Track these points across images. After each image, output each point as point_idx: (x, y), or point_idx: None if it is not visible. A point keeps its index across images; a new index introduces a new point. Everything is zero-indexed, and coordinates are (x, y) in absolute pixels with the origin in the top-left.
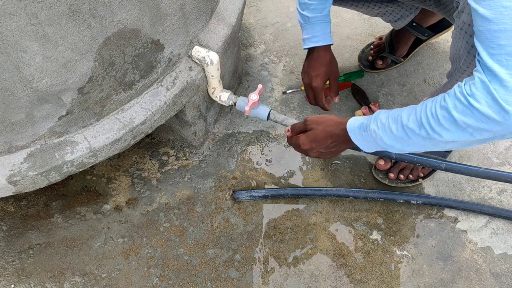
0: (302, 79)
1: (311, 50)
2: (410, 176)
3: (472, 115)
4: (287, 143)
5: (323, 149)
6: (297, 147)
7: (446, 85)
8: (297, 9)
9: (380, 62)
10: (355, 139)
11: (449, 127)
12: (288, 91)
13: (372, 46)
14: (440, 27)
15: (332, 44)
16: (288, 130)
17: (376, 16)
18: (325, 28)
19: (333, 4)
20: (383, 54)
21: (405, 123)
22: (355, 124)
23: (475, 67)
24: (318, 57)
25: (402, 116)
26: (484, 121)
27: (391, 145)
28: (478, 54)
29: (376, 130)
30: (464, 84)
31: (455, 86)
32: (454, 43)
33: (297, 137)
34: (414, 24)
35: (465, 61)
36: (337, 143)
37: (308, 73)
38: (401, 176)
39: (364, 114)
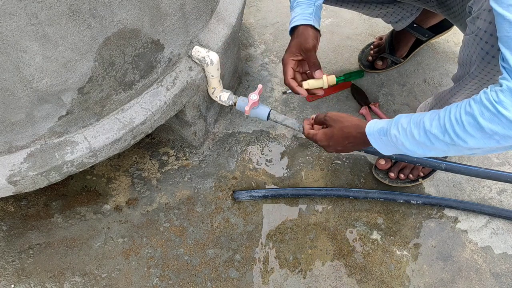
0: (284, 58)
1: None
2: (410, 175)
3: (500, 122)
4: (305, 135)
5: (340, 147)
6: (315, 141)
7: (454, 88)
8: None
9: (380, 63)
10: (375, 143)
11: (475, 133)
12: (288, 91)
13: (372, 46)
14: (440, 28)
15: (312, 26)
16: (313, 118)
17: (377, 17)
18: (304, 9)
19: (334, 5)
20: (383, 54)
21: (428, 129)
22: (375, 128)
23: (488, 73)
24: (292, 35)
25: (425, 121)
26: None
27: (412, 150)
28: (505, 60)
29: (397, 135)
30: (490, 91)
31: (481, 92)
32: (465, 48)
33: (315, 133)
34: (414, 25)
35: (477, 67)
36: (354, 144)
37: (290, 51)
38: (401, 176)
39: (363, 114)
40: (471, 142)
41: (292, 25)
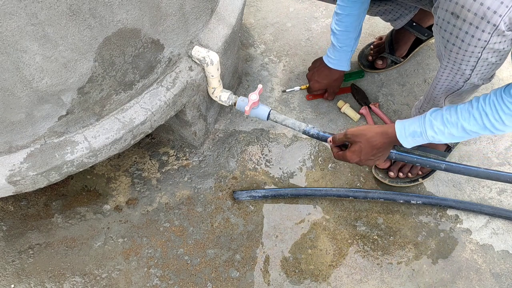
0: (311, 83)
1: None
2: (409, 174)
3: None
4: (334, 158)
5: (372, 157)
6: (346, 161)
7: (434, 82)
8: (331, 29)
9: (380, 62)
10: (407, 144)
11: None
12: (287, 90)
13: (372, 46)
14: None
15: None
16: (331, 141)
17: (375, 15)
18: (347, 56)
19: (332, 3)
20: (383, 54)
21: (468, 128)
22: (407, 133)
23: (455, 62)
24: (330, 74)
25: (463, 123)
26: None
27: (447, 141)
28: None
29: (434, 136)
30: None
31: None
32: (435, 41)
33: (343, 153)
34: (414, 24)
35: (444, 57)
36: (383, 150)
37: (318, 81)
38: (401, 174)
39: (363, 114)
40: (508, 130)
41: (336, 68)
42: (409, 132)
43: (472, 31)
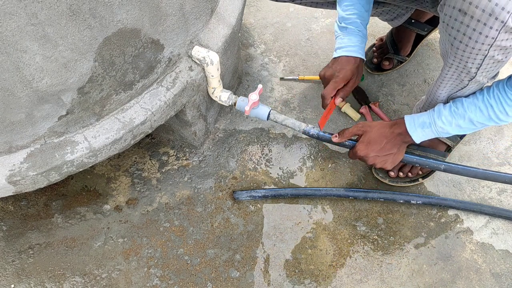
0: (322, 73)
1: (340, 57)
2: (409, 174)
3: None
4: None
5: (379, 153)
6: (354, 154)
7: (438, 80)
8: (336, 21)
9: (387, 63)
10: (417, 137)
11: None
12: (285, 78)
13: (374, 49)
14: (438, 20)
15: (364, 61)
16: (336, 136)
17: (372, 16)
18: (361, 42)
19: (330, 8)
20: (388, 55)
21: (474, 119)
22: (416, 124)
23: (461, 60)
24: (348, 60)
25: (470, 114)
26: None
27: (454, 133)
28: None
29: (443, 127)
30: None
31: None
32: (441, 39)
33: (353, 149)
34: (412, 20)
35: (450, 55)
36: (392, 143)
37: (332, 67)
38: (401, 174)
39: (363, 113)
40: (511, 120)
41: (349, 54)
42: (419, 123)
43: (479, 28)
